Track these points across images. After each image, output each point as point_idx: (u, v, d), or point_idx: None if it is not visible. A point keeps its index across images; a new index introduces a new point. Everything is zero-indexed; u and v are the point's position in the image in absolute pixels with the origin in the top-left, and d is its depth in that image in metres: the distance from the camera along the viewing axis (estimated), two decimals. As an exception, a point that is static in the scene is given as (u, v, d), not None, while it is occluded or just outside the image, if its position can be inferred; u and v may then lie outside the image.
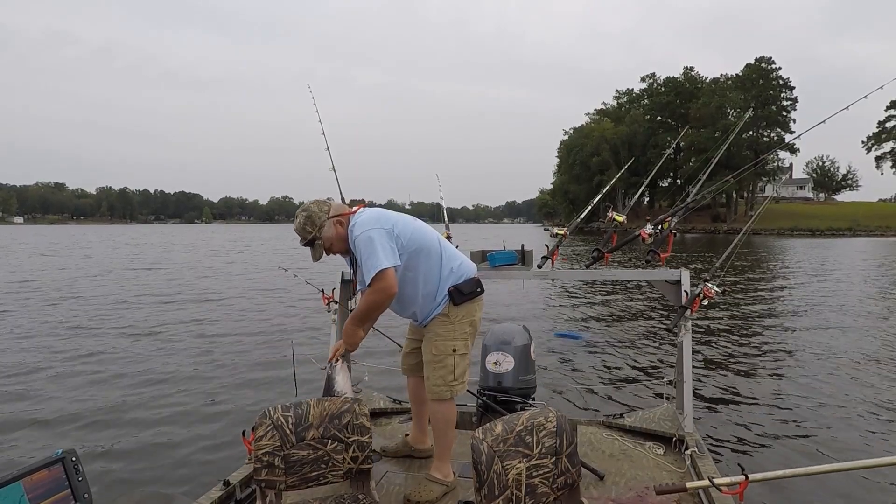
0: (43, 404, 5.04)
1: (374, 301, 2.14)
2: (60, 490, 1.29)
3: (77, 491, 1.32)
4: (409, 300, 2.34)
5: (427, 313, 2.33)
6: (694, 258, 20.50)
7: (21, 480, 1.22)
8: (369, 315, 2.19)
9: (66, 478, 1.30)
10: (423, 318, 2.36)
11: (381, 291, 2.10)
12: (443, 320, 2.32)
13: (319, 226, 2.21)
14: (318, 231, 2.21)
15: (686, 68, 71.13)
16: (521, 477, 1.55)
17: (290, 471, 1.82)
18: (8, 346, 7.48)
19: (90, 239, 48.05)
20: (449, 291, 2.29)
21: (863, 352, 7.02)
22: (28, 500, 1.23)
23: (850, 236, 49.73)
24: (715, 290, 2.66)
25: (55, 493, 1.28)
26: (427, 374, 2.36)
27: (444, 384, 2.30)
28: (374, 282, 2.10)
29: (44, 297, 12.16)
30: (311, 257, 2.25)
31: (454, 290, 2.30)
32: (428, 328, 2.36)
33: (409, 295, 2.31)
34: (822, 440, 4.24)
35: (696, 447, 2.56)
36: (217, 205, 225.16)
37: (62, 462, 1.30)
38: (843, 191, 76.53)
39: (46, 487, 1.27)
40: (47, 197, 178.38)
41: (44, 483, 1.26)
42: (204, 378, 5.78)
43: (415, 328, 2.54)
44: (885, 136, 62.43)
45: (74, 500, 1.31)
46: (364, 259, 2.13)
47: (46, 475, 1.27)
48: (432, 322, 2.34)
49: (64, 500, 1.30)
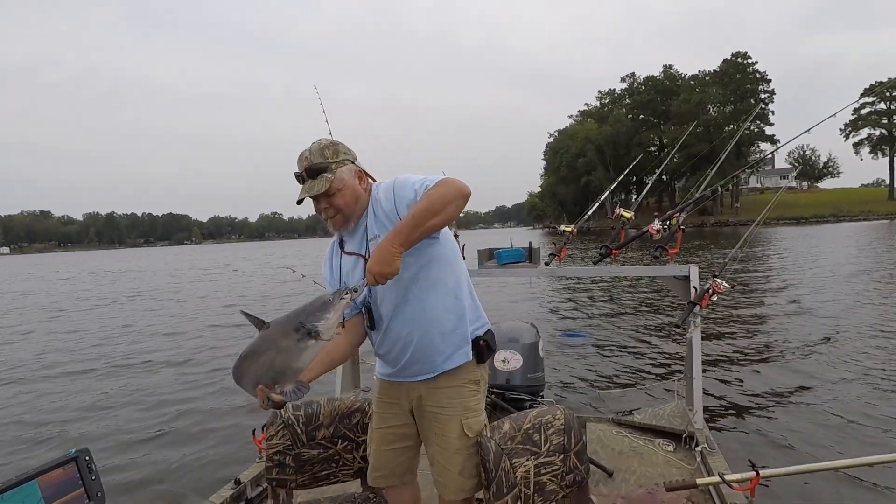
0: (56, 404, 5.14)
1: (442, 194, 1.38)
2: (74, 489, 1.32)
3: (90, 489, 1.34)
4: (414, 321, 1.55)
5: (442, 359, 1.57)
6: (687, 251, 20.65)
7: (37, 479, 1.25)
8: (423, 222, 1.36)
9: (79, 477, 1.33)
10: (432, 367, 1.58)
11: (450, 184, 1.39)
12: (472, 388, 1.61)
13: (341, 160, 1.54)
14: (336, 165, 1.53)
15: (665, 66, 72.21)
16: (529, 475, 1.55)
17: (301, 470, 1.84)
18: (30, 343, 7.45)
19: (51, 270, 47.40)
20: (476, 344, 1.60)
21: (875, 344, 6.88)
22: (43, 499, 1.25)
23: (834, 222, 50.42)
24: (724, 285, 2.63)
25: (69, 492, 1.30)
26: (445, 465, 1.59)
27: (474, 475, 1.58)
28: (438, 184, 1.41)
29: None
30: (298, 193, 1.53)
31: (484, 344, 1.61)
32: (445, 395, 1.59)
33: (414, 314, 1.54)
34: (835, 435, 4.17)
35: (706, 443, 2.54)
36: (206, 224, 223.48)
37: (76, 461, 1.33)
38: (826, 178, 77.71)
39: (61, 486, 1.29)
40: (33, 225, 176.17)
41: (58, 482, 1.29)
42: (213, 380, 5.91)
43: (393, 391, 1.66)
44: (860, 123, 63.57)
45: (88, 499, 1.34)
46: (412, 182, 1.48)
47: (61, 474, 1.30)
48: (454, 386, 1.59)
49: (78, 498, 1.32)
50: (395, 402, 1.68)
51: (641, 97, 70.56)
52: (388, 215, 1.51)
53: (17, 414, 5.09)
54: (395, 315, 1.57)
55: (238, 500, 2.19)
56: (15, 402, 5.45)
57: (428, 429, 1.63)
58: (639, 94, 71.60)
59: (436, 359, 1.58)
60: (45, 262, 61.15)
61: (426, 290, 1.55)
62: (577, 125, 77.39)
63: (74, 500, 1.31)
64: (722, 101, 62.68)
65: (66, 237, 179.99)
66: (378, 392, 1.72)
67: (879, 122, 62.90)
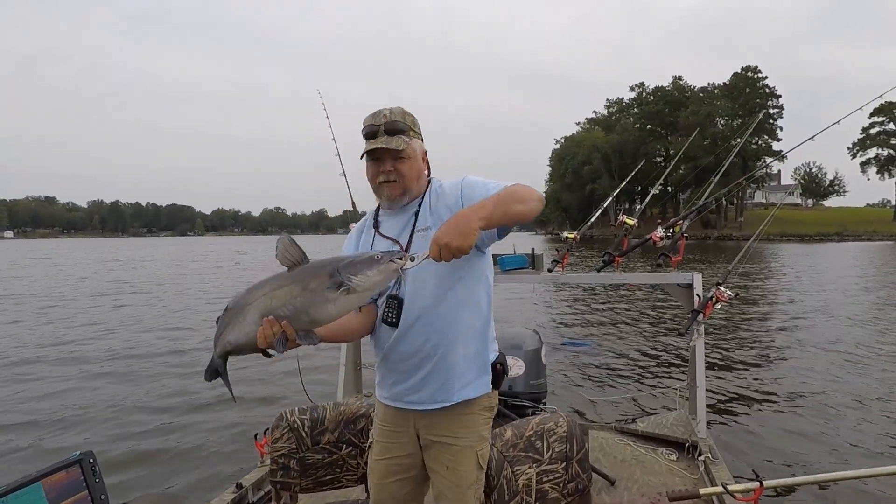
0: (58, 408, 5.15)
1: (525, 188, 1.33)
2: (78, 491, 1.31)
3: (94, 492, 1.34)
4: (443, 333, 1.40)
5: (460, 384, 1.42)
6: (690, 262, 20.62)
7: (41, 482, 1.24)
8: (508, 204, 1.26)
9: (83, 479, 1.33)
10: (447, 392, 1.41)
11: (528, 187, 1.34)
12: (487, 416, 1.48)
13: (418, 132, 1.46)
14: (413, 134, 1.44)
15: (675, 77, 72.27)
16: (531, 482, 1.54)
17: (305, 474, 1.84)
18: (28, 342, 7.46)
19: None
20: (493, 368, 1.48)
21: (878, 356, 6.93)
22: (47, 502, 1.25)
23: (837, 241, 50.32)
24: (728, 293, 2.62)
25: (73, 494, 1.30)
26: (456, 501, 1.45)
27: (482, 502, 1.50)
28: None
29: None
30: (368, 145, 1.40)
31: (500, 368, 1.49)
32: (460, 423, 1.44)
33: (445, 324, 1.40)
34: (839, 446, 4.15)
35: (709, 453, 2.52)
36: (210, 217, 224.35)
37: (80, 464, 1.33)
38: (831, 196, 77.59)
39: (65, 488, 1.29)
40: (38, 211, 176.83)
41: (62, 484, 1.29)
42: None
43: (399, 419, 1.50)
44: (869, 143, 63.48)
45: (92, 502, 1.33)
46: (484, 182, 1.39)
47: (65, 476, 1.30)
48: (470, 413, 1.44)
49: (82, 501, 1.32)
50: (400, 430, 1.49)
51: (650, 107, 70.58)
52: (450, 209, 1.38)
53: (19, 413, 5.08)
54: (423, 318, 1.39)
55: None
56: (17, 402, 5.45)
57: (436, 460, 1.45)
58: (647, 104, 71.62)
59: (453, 383, 1.41)
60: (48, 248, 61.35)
61: (462, 304, 1.41)
62: (584, 133, 77.45)
63: (78, 503, 1.31)
64: (730, 114, 62.62)
65: (71, 224, 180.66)
66: (381, 419, 1.53)
67: (888, 142, 62.81)
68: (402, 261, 1.15)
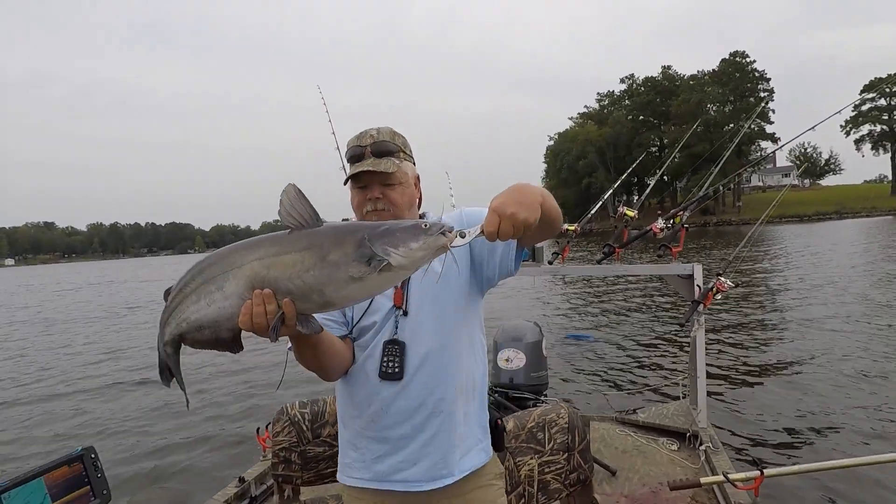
0: (62, 405, 5.19)
1: (553, 202, 1.06)
2: (80, 486, 1.33)
3: (96, 487, 1.35)
4: (448, 383, 1.15)
5: (460, 453, 1.16)
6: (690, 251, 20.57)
7: (42, 476, 1.26)
8: (550, 198, 1.02)
9: (85, 474, 1.34)
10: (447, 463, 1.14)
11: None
12: (500, 484, 1.25)
13: (409, 154, 1.26)
14: (404, 156, 1.24)
15: (664, 67, 72.32)
16: (533, 473, 1.56)
17: (307, 467, 1.86)
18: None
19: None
20: (494, 427, 1.26)
21: (877, 343, 6.85)
22: (49, 496, 1.26)
23: (836, 219, 50.24)
24: (728, 283, 2.63)
25: (75, 490, 1.31)
26: None
27: None
28: None
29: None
30: (351, 169, 1.20)
31: (502, 425, 1.28)
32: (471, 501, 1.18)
33: (449, 371, 1.15)
34: (840, 434, 4.16)
35: (710, 442, 2.54)
36: (209, 233, 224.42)
37: (81, 459, 1.34)
38: (828, 175, 77.50)
39: (66, 484, 1.30)
40: (38, 237, 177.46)
41: (64, 479, 1.30)
42: (216, 382, 5.95)
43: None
44: (861, 119, 63.46)
45: (94, 497, 1.35)
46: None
47: (67, 472, 1.31)
48: (480, 487, 1.19)
49: (83, 496, 1.33)
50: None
51: (641, 98, 70.63)
52: None
53: (21, 412, 5.14)
54: (427, 364, 1.13)
55: (242, 498, 2.21)
56: (20, 400, 5.50)
57: None
58: (638, 95, 71.67)
59: (453, 453, 1.13)
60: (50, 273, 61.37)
61: (467, 349, 1.18)
62: (577, 127, 77.47)
63: (80, 498, 1.32)
64: (721, 100, 62.69)
65: (71, 248, 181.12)
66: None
67: (880, 118, 62.79)
68: (452, 234, 0.87)
